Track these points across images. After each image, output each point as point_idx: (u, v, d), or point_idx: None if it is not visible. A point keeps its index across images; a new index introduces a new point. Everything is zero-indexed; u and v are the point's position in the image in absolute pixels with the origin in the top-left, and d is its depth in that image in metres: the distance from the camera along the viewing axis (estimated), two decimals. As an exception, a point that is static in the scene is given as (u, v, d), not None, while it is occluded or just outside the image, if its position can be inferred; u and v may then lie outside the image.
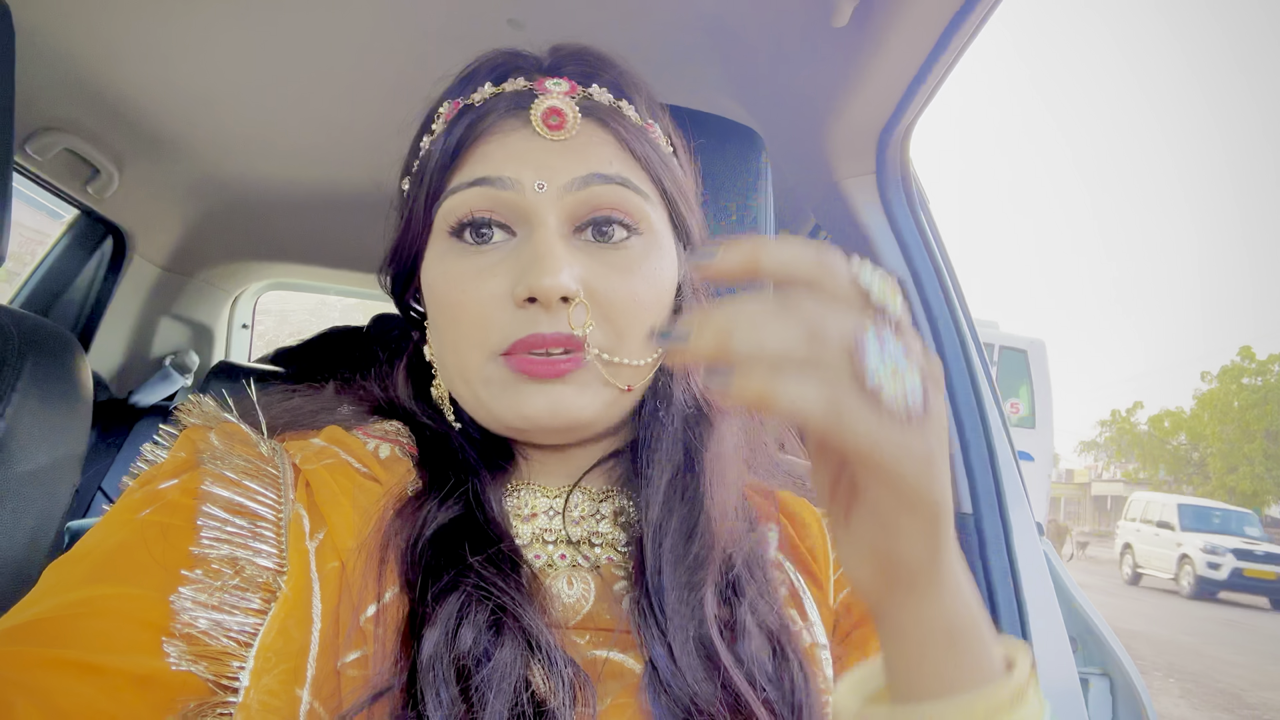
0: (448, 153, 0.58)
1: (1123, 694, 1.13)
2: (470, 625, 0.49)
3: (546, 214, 0.55)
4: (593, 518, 0.62)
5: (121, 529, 0.50)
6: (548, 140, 0.57)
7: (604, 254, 0.57)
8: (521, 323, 0.54)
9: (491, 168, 0.56)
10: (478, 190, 0.56)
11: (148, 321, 2.34)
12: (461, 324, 0.56)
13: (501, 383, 0.55)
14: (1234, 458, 27.60)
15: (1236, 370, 28.39)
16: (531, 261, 0.54)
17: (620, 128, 0.59)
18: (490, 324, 0.55)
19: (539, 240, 0.54)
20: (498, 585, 0.51)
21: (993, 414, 1.14)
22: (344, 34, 1.27)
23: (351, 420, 0.65)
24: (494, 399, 0.56)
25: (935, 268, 1.20)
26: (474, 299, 0.55)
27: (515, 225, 0.57)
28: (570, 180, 0.56)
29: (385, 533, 0.54)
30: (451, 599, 0.50)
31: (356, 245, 2.31)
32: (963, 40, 0.94)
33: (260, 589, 0.50)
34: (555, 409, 0.55)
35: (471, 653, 0.48)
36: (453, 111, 0.59)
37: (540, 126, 0.56)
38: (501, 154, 0.57)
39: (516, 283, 0.54)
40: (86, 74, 1.44)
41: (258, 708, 0.45)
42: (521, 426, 0.56)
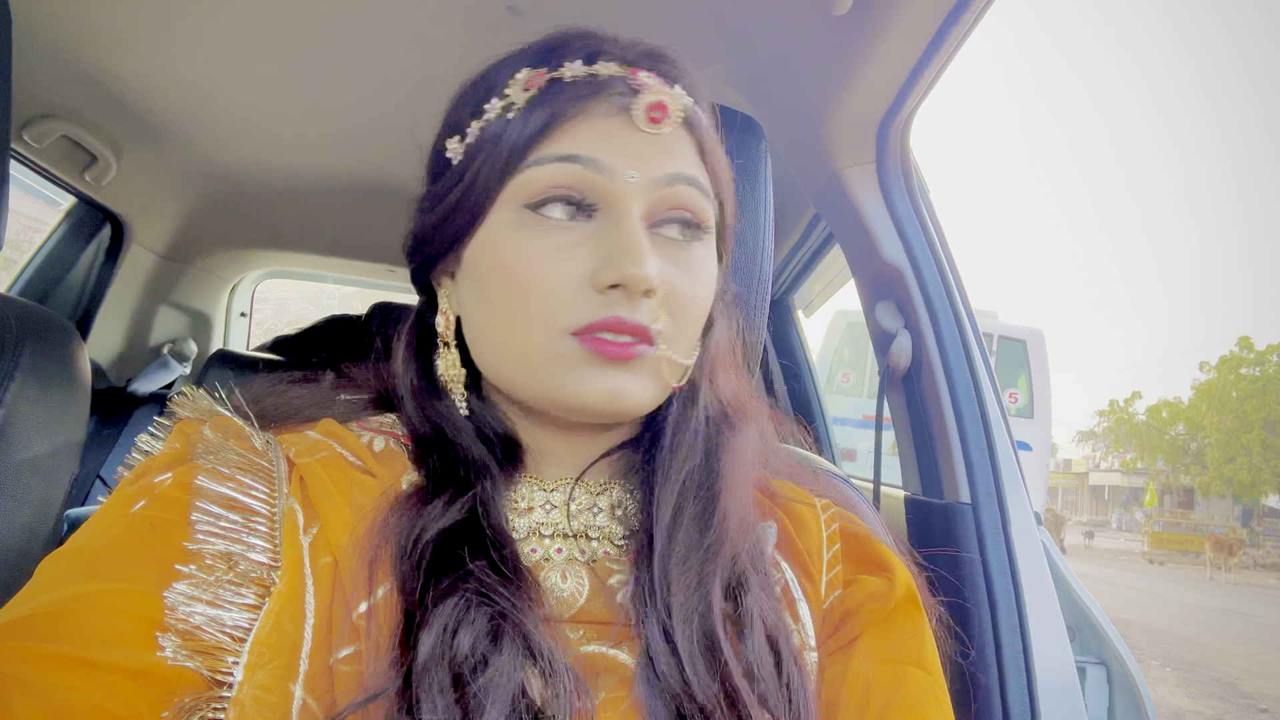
0: (536, 124, 0.56)
1: (1120, 683, 1.14)
2: (468, 630, 0.48)
3: (632, 204, 0.55)
4: (590, 511, 0.61)
5: (116, 524, 0.50)
6: (642, 132, 0.56)
7: (675, 252, 0.57)
8: (600, 306, 0.54)
9: (585, 148, 0.55)
10: (566, 167, 0.55)
11: (146, 309, 2.34)
12: (531, 300, 0.55)
13: (568, 361, 0.54)
14: (1232, 448, 27.63)
15: (1235, 360, 28.39)
16: (620, 249, 0.53)
17: (700, 132, 0.60)
18: (564, 303, 0.54)
19: (627, 229, 0.54)
20: (498, 591, 0.51)
21: (991, 404, 1.14)
22: (342, 22, 1.26)
23: (347, 413, 0.64)
24: (552, 376, 0.55)
25: (935, 257, 1.20)
26: (548, 276, 0.54)
27: (596, 210, 0.56)
28: (660, 175, 0.56)
29: (381, 531, 0.53)
30: (449, 603, 0.49)
31: (355, 233, 2.31)
32: (964, 28, 0.94)
33: (254, 584, 0.50)
34: (613, 394, 0.55)
35: (469, 659, 0.47)
36: (537, 82, 0.57)
37: (642, 118, 0.56)
38: (596, 136, 0.56)
39: (603, 267, 0.53)
40: (84, 61, 1.43)
41: (251, 703, 0.45)
42: (573, 406, 0.56)
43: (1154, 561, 22.32)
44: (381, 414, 0.65)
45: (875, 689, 0.58)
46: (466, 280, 0.60)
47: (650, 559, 0.56)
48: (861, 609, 0.62)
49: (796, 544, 0.65)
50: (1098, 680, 1.14)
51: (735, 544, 0.59)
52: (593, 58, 0.57)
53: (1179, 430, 32.10)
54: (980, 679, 1.01)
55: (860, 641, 0.61)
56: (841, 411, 7.68)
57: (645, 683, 0.53)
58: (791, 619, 0.61)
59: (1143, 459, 34.21)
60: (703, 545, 0.57)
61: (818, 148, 1.23)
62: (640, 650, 0.54)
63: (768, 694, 0.54)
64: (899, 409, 1.27)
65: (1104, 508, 45.33)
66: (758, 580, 0.59)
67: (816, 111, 1.18)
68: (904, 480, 1.28)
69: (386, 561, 0.52)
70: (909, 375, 1.22)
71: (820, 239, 1.89)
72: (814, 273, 2.11)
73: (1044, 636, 1.03)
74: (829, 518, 0.68)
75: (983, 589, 1.05)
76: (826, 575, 0.64)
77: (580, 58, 0.57)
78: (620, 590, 0.58)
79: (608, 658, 0.55)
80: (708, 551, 0.57)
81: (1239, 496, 28.92)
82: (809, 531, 0.66)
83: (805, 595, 0.63)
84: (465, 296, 0.60)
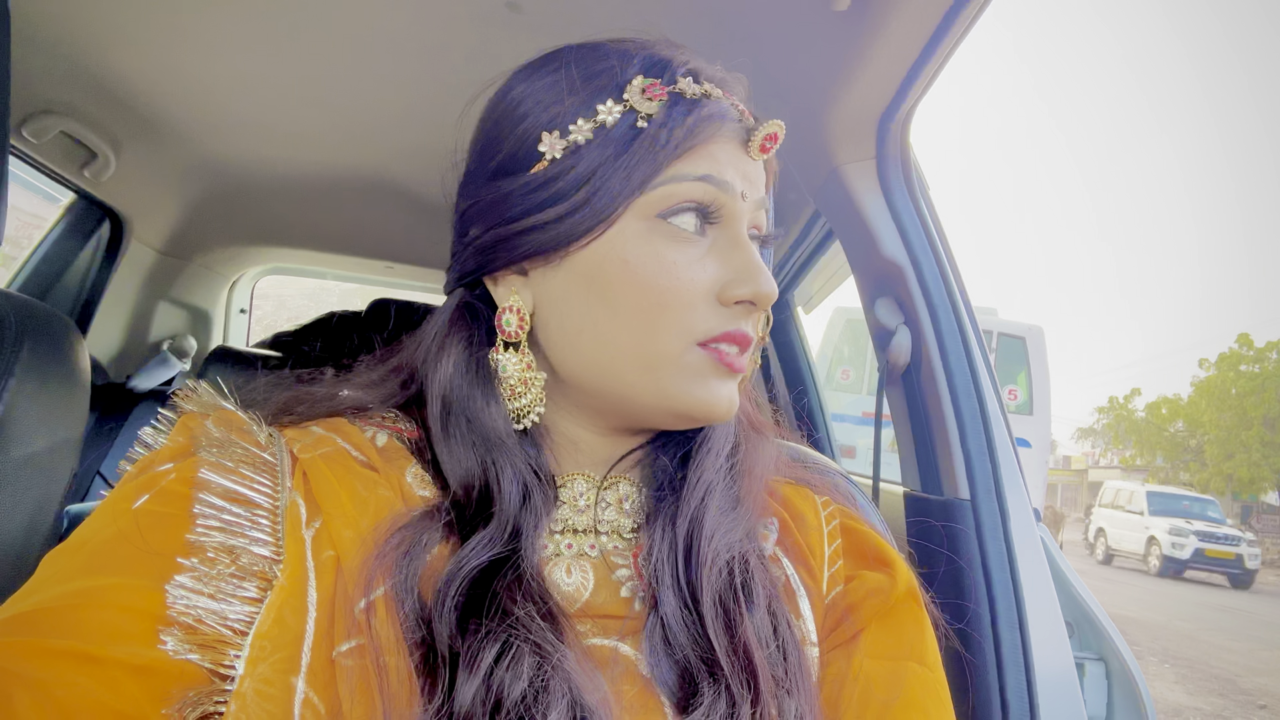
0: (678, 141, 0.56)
1: (1118, 679, 1.14)
2: (516, 679, 0.48)
3: (744, 222, 0.60)
4: (599, 505, 0.62)
5: (118, 518, 0.50)
6: (747, 157, 0.60)
7: None
8: (727, 319, 0.58)
9: (715, 168, 0.58)
10: (700, 185, 0.57)
11: (145, 306, 2.34)
12: (671, 309, 0.56)
13: (696, 370, 0.57)
14: (1231, 445, 27.63)
15: (1234, 357, 28.38)
16: (750, 268, 0.58)
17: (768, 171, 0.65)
18: (698, 314, 0.57)
19: (748, 248, 0.59)
20: (546, 638, 0.50)
21: (991, 400, 1.14)
22: (341, 17, 1.26)
23: (352, 410, 0.64)
24: (678, 384, 0.57)
25: (935, 254, 1.20)
26: (686, 286, 0.56)
27: (715, 225, 0.59)
28: (758, 198, 0.61)
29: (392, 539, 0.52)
30: (491, 648, 0.49)
31: (355, 229, 2.31)
32: (964, 24, 0.94)
33: (256, 577, 0.50)
34: (731, 402, 0.59)
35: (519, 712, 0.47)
36: (658, 94, 0.57)
37: (756, 148, 0.60)
38: (723, 157, 0.59)
39: (735, 283, 0.57)
40: (83, 57, 1.43)
41: (253, 696, 0.45)
42: (693, 413, 0.58)
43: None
44: (385, 411, 0.64)
45: (876, 686, 0.58)
46: (567, 280, 0.58)
47: (673, 525, 0.59)
48: (863, 604, 0.62)
49: (797, 540, 0.65)
50: (1096, 676, 1.15)
51: (749, 528, 0.62)
52: (698, 76, 0.60)
53: (1178, 427, 32.09)
54: (979, 675, 1.01)
55: (862, 638, 0.61)
56: (841, 408, 7.69)
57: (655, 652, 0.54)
58: (793, 614, 0.61)
59: (1142, 456, 34.20)
60: (731, 518, 0.61)
61: (817, 144, 1.23)
62: (652, 622, 0.56)
63: (773, 661, 0.56)
64: (898, 405, 1.27)
65: (1103, 504, 45.29)
66: (756, 561, 0.60)
67: (816, 107, 1.17)
68: (903, 477, 1.28)
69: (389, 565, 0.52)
70: (908, 372, 1.22)
71: (820, 235, 1.88)
72: (813, 269, 2.10)
73: (1043, 633, 1.03)
74: (829, 514, 0.68)
75: (982, 585, 1.05)
76: (828, 571, 0.65)
77: (689, 75, 0.59)
78: (626, 583, 0.59)
79: (614, 650, 0.55)
80: (735, 523, 0.61)
81: (1238, 493, 28.92)
82: (809, 527, 0.66)
83: (806, 590, 0.63)
84: (559, 296, 0.59)
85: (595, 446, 0.63)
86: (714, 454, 0.63)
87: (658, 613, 0.56)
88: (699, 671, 0.53)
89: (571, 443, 0.63)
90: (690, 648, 0.54)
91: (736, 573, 0.58)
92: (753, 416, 0.69)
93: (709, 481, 0.61)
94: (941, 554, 1.08)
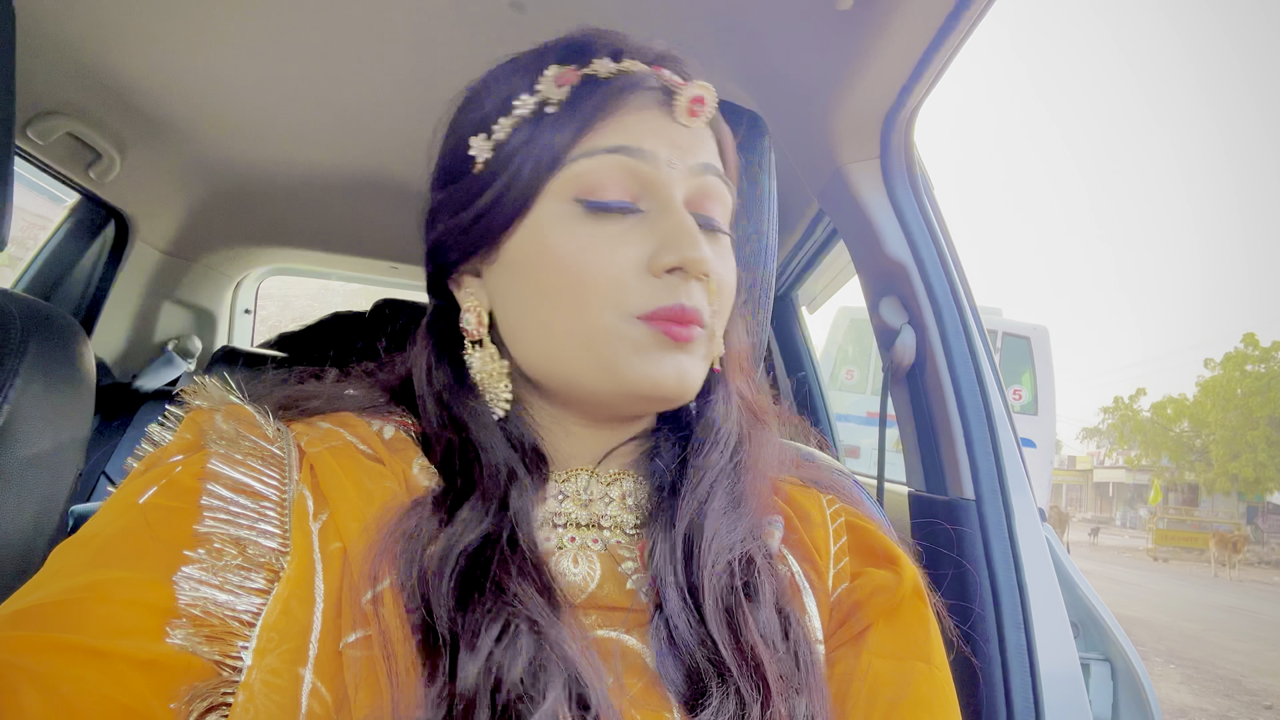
0: (582, 118, 0.58)
1: (1124, 679, 1.13)
2: (516, 658, 0.48)
3: (675, 190, 0.58)
4: (601, 500, 0.62)
5: (126, 513, 0.50)
6: (678, 124, 0.59)
7: (711, 240, 0.60)
8: (661, 290, 0.56)
9: (630, 139, 0.58)
10: (614, 158, 0.57)
11: (150, 306, 2.34)
12: (592, 287, 0.56)
13: (638, 344, 0.56)
14: (1236, 444, 27.59)
15: (1240, 357, 28.33)
16: (677, 233, 0.56)
17: (719, 129, 0.64)
18: (628, 287, 0.56)
19: (679, 214, 0.57)
20: (544, 616, 0.50)
21: (995, 400, 1.14)
22: (347, 18, 1.26)
23: (357, 406, 0.64)
24: (624, 360, 0.56)
25: (939, 254, 1.19)
26: (608, 263, 0.56)
27: (642, 199, 0.58)
28: (695, 164, 0.59)
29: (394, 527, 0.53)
30: (493, 627, 0.49)
31: (359, 230, 2.31)
32: (968, 24, 0.94)
33: (264, 569, 0.50)
34: (681, 375, 0.57)
35: (518, 687, 0.47)
36: (570, 78, 0.58)
37: (683, 111, 0.59)
38: (640, 128, 0.58)
39: (662, 250, 0.56)
40: (88, 58, 1.44)
41: (260, 686, 0.45)
42: (643, 388, 0.57)
43: (1158, 558, 22.30)
44: (391, 407, 0.65)
45: (883, 685, 0.58)
46: (506, 274, 0.60)
47: (673, 526, 0.58)
48: (869, 601, 0.62)
49: (802, 538, 0.65)
50: (1102, 677, 1.14)
51: (753, 525, 0.61)
52: (619, 55, 0.60)
53: (1184, 427, 32.05)
54: (985, 675, 1.01)
55: (868, 635, 0.61)
56: (845, 408, 7.69)
57: (661, 651, 0.54)
58: (799, 611, 0.61)
59: (1147, 456, 34.17)
60: (732, 518, 0.60)
61: (821, 143, 1.23)
62: (658, 621, 0.55)
63: (781, 660, 0.55)
64: (903, 405, 1.27)
65: (1108, 504, 45.25)
66: (763, 560, 0.60)
67: (820, 107, 1.17)
68: (908, 477, 1.28)
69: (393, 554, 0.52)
70: (913, 372, 1.22)
71: (824, 235, 1.88)
72: (817, 269, 2.10)
73: (1048, 633, 1.03)
74: (834, 512, 0.68)
75: (987, 585, 1.05)
76: (834, 568, 0.65)
77: (608, 55, 0.60)
78: (632, 576, 0.59)
79: (620, 643, 0.55)
80: (736, 522, 0.60)
81: (1243, 493, 28.89)
82: (814, 525, 0.66)
83: (812, 588, 0.63)
84: (504, 291, 0.61)
85: (588, 440, 0.63)
86: (717, 450, 0.63)
87: (663, 613, 0.55)
88: (707, 672, 0.53)
89: (565, 437, 0.63)
90: (697, 648, 0.54)
91: (738, 573, 0.58)
92: (756, 409, 0.68)
93: (710, 482, 0.61)
94: (947, 554, 1.08)
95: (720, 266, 0.60)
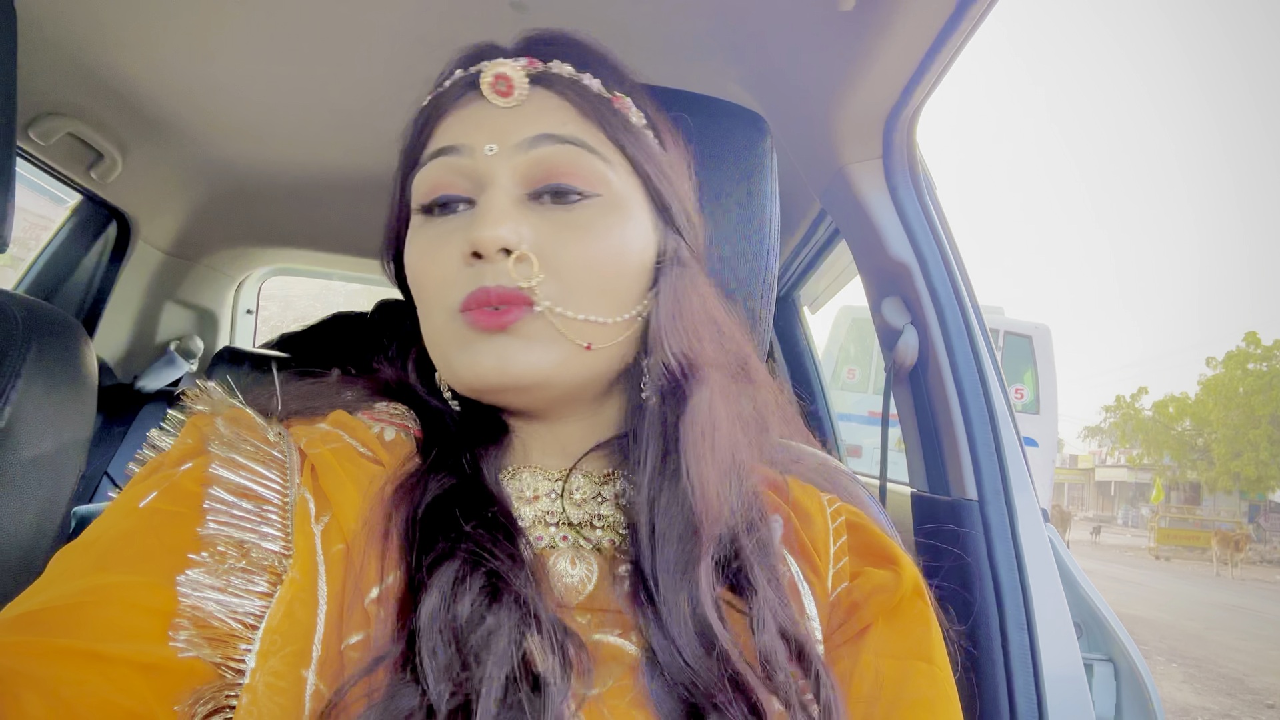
0: (414, 133, 0.63)
1: (1126, 679, 1.13)
2: (467, 592, 0.49)
3: (498, 175, 0.58)
4: (594, 500, 0.62)
5: (128, 516, 0.50)
6: (500, 108, 0.59)
7: (557, 214, 0.58)
8: (470, 278, 0.56)
9: (450, 138, 0.60)
10: (439, 161, 0.59)
11: (152, 307, 2.34)
12: (427, 289, 0.59)
13: (459, 339, 0.57)
14: (1238, 443, 27.57)
15: (1242, 356, 28.32)
16: (476, 217, 0.57)
17: (579, 95, 0.61)
18: (449, 283, 0.57)
19: (485, 198, 0.57)
20: (490, 551, 0.52)
21: (998, 400, 1.14)
22: (348, 19, 1.26)
23: (357, 403, 0.65)
24: (455, 358, 0.57)
25: (941, 253, 1.19)
26: (435, 263, 0.58)
27: (474, 193, 0.59)
28: (520, 141, 0.58)
29: (386, 511, 0.54)
30: (447, 566, 0.50)
31: (360, 230, 2.31)
32: (970, 23, 0.93)
33: (266, 572, 0.50)
34: (503, 364, 0.55)
35: (470, 619, 0.48)
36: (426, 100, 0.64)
37: (490, 94, 0.59)
38: (458, 125, 0.60)
39: (462, 240, 0.57)
40: (89, 59, 1.44)
41: (264, 689, 0.45)
42: (475, 385, 0.57)
43: (1160, 557, 22.29)
44: (392, 404, 0.66)
45: (883, 684, 0.58)
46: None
47: (638, 549, 0.56)
48: (869, 601, 0.62)
49: (802, 537, 0.65)
50: (1105, 677, 1.14)
51: (718, 518, 0.57)
52: (470, 64, 0.62)
53: (1186, 426, 32.03)
54: (987, 675, 1.01)
55: (868, 635, 0.61)
56: (847, 408, 7.68)
57: (649, 673, 0.52)
58: (798, 612, 0.60)
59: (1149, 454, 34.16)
60: (680, 535, 0.56)
61: (823, 143, 1.23)
62: (643, 641, 0.54)
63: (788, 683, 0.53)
64: (905, 405, 1.27)
65: (1110, 503, 45.22)
66: (764, 574, 0.58)
67: (822, 107, 1.17)
68: (910, 477, 1.28)
69: (395, 549, 0.53)
70: (915, 371, 1.22)
71: (826, 235, 1.88)
72: (819, 269, 2.10)
73: (1051, 633, 1.02)
74: (834, 511, 0.68)
75: (990, 585, 1.04)
76: (833, 568, 0.64)
77: (461, 66, 0.63)
78: (627, 580, 0.58)
79: (614, 646, 0.54)
80: (685, 539, 0.56)
81: (1245, 492, 28.88)
82: (814, 524, 0.66)
83: (811, 588, 0.63)
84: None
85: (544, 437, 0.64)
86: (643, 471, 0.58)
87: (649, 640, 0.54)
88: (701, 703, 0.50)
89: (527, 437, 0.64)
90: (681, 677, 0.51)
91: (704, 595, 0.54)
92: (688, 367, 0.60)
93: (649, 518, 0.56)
94: (949, 554, 1.08)
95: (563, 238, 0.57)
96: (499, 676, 0.45)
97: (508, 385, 0.56)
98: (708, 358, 0.62)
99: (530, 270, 0.55)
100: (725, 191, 0.87)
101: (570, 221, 0.58)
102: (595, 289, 0.58)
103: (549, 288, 0.56)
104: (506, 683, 0.46)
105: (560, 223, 0.58)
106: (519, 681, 0.46)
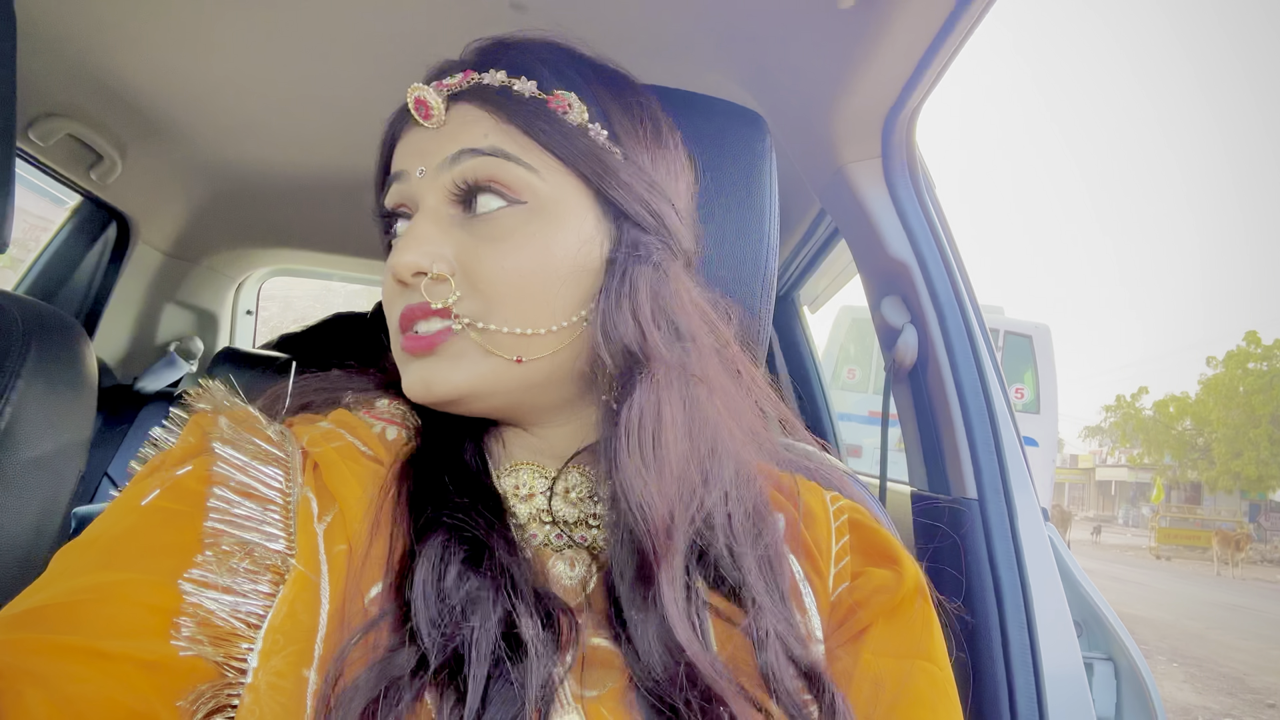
0: (380, 157, 0.67)
1: (1127, 678, 1.13)
2: (454, 558, 0.51)
3: (426, 196, 0.60)
4: (590, 499, 0.62)
5: (130, 514, 0.50)
6: (428, 130, 0.61)
7: (474, 226, 0.58)
8: (402, 298, 0.58)
9: (396, 163, 0.63)
10: (392, 188, 0.62)
11: (152, 308, 2.35)
12: (389, 311, 0.61)
13: (401, 357, 0.60)
14: (1239, 443, 27.57)
15: (1242, 355, 28.31)
16: (396, 244, 0.59)
17: (502, 105, 0.60)
18: (390, 303, 0.60)
19: (410, 223, 0.59)
20: (474, 522, 0.54)
21: (998, 399, 1.14)
22: (348, 18, 1.26)
23: (358, 401, 0.65)
24: (402, 373, 0.60)
25: (941, 253, 1.19)
26: (385, 283, 0.60)
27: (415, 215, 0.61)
28: (441, 160, 0.59)
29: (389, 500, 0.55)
30: (435, 536, 0.52)
31: (360, 230, 2.31)
32: (970, 21, 0.93)
33: (269, 571, 0.50)
34: (427, 384, 0.57)
35: (456, 581, 0.50)
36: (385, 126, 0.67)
37: (417, 118, 0.61)
38: (401, 150, 0.63)
39: None
40: (89, 59, 1.44)
41: (266, 688, 0.45)
42: (415, 400, 0.59)
43: (1161, 557, 22.29)
44: (393, 403, 0.66)
45: (884, 683, 0.58)
46: None
47: (611, 556, 0.55)
48: (870, 601, 0.62)
49: (804, 536, 0.65)
50: (1105, 676, 1.14)
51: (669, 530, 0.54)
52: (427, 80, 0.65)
53: (1186, 425, 32.02)
54: (987, 674, 1.01)
55: (869, 635, 0.61)
56: (847, 407, 7.68)
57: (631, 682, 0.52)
58: (798, 611, 0.60)
59: (1149, 454, 34.15)
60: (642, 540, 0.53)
61: (823, 143, 1.23)
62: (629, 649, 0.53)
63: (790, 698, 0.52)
64: (905, 405, 1.27)
65: (1111, 503, 45.21)
66: (764, 584, 0.57)
67: (821, 106, 1.17)
68: (910, 476, 1.28)
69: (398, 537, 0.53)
70: (915, 371, 1.22)
71: (825, 234, 1.88)
72: (819, 269, 2.10)
73: (1051, 632, 1.02)
74: (837, 510, 0.67)
75: (990, 585, 1.04)
76: (835, 567, 0.64)
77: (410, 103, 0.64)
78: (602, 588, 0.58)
79: (609, 651, 0.54)
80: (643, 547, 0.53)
81: (1246, 492, 28.88)
82: (817, 523, 0.66)
83: (812, 587, 0.63)
84: None
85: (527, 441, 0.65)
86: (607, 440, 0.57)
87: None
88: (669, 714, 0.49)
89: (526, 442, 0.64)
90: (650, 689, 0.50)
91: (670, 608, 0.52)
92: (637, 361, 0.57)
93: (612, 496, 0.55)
94: (949, 553, 1.08)
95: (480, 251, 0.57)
96: (489, 632, 0.47)
97: (437, 402, 0.58)
98: (657, 354, 0.57)
99: (446, 289, 0.57)
100: (724, 191, 0.87)
101: (489, 234, 0.57)
102: (519, 300, 0.57)
103: (468, 305, 0.57)
104: (495, 640, 0.47)
105: (476, 234, 0.58)
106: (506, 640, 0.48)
